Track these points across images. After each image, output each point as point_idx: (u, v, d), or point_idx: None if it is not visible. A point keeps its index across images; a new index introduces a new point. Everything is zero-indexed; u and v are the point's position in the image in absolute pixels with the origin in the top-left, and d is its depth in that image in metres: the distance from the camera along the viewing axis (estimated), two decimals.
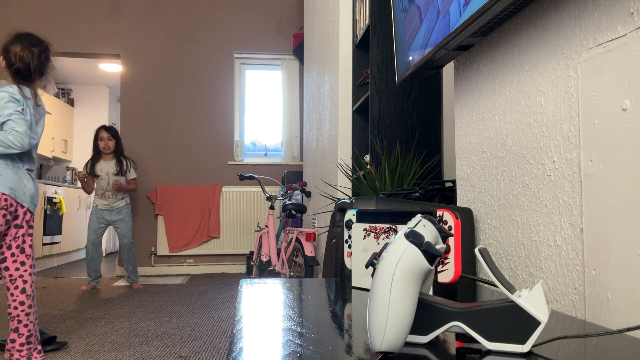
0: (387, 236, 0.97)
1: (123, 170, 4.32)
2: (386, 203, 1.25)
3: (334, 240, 1.40)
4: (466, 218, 1.25)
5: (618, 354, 0.60)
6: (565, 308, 0.91)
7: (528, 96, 1.05)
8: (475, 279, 0.92)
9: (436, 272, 0.88)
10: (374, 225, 1.00)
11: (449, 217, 0.89)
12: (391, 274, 0.56)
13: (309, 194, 4.07)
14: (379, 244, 0.98)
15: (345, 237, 1.08)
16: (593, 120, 0.84)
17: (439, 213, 0.90)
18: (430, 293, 0.83)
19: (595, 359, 0.58)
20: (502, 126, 1.15)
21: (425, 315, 0.63)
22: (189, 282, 4.70)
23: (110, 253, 7.91)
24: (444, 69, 2.40)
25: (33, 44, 2.32)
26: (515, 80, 1.09)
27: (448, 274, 0.88)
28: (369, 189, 2.07)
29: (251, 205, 5.46)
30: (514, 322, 0.59)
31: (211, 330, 2.89)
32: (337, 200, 1.79)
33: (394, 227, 0.97)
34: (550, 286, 0.96)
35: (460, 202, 1.38)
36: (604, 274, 0.81)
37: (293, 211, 3.79)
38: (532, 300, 0.59)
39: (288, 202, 3.86)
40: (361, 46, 2.79)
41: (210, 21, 5.53)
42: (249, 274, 5.08)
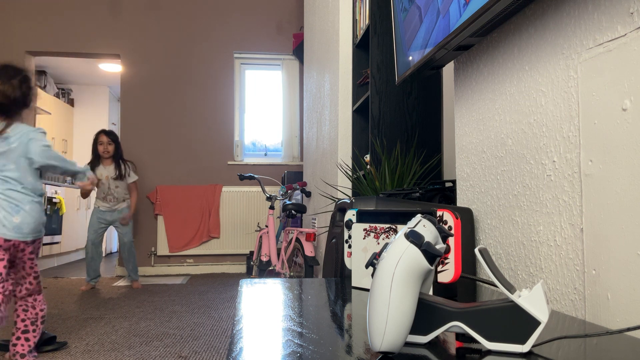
0: (387, 236, 0.97)
1: (122, 175, 4.32)
2: (386, 203, 1.25)
3: (334, 240, 1.40)
4: (466, 218, 1.25)
5: (618, 354, 0.60)
6: (565, 308, 0.91)
7: (528, 96, 1.05)
8: (475, 279, 0.92)
9: (436, 272, 0.88)
10: (374, 225, 1.00)
11: (449, 217, 0.89)
12: (391, 274, 0.56)
13: (309, 194, 4.07)
14: (379, 244, 0.98)
15: (345, 237, 1.08)
16: (593, 120, 0.84)
17: (439, 213, 0.90)
18: (430, 293, 0.83)
19: (595, 359, 0.58)
20: (502, 126, 1.15)
21: (425, 315, 0.63)
22: (189, 282, 4.69)
23: (110, 253, 7.91)
24: (444, 69, 2.40)
25: (10, 75, 2.18)
26: (515, 80, 1.09)
27: (448, 274, 0.88)
28: (369, 189, 2.07)
29: (251, 205, 5.46)
30: (514, 322, 0.59)
31: (211, 330, 2.89)
32: (337, 200, 1.79)
33: (394, 227, 0.97)
34: (550, 286, 0.96)
35: (460, 202, 1.38)
36: (604, 274, 0.81)
37: (293, 211, 3.79)
38: (532, 300, 0.59)
39: (288, 202, 3.86)
40: (361, 46, 2.79)
41: (210, 21, 5.53)
42: (249, 274, 5.08)
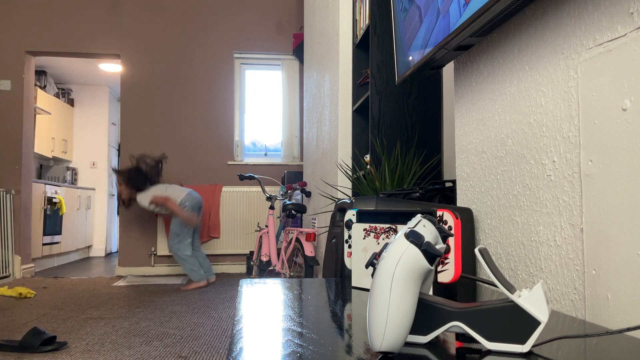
0: (387, 236, 0.97)
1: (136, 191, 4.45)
2: (386, 203, 1.25)
3: (334, 240, 1.40)
4: (466, 218, 1.25)
5: (618, 354, 0.60)
6: (565, 308, 0.91)
7: (528, 96, 1.05)
8: (475, 279, 0.92)
9: (436, 272, 0.88)
10: (374, 225, 1.00)
11: (449, 217, 0.89)
12: (391, 274, 0.56)
13: (309, 194, 4.07)
14: (379, 244, 0.98)
15: (345, 237, 1.08)
16: (593, 120, 0.84)
17: (439, 213, 0.90)
18: (430, 293, 0.83)
19: (595, 359, 0.58)
20: (502, 126, 1.15)
21: (425, 315, 0.63)
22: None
23: (110, 253, 7.91)
24: (444, 69, 2.40)
25: None
26: (515, 80, 1.09)
27: (448, 274, 0.88)
28: (369, 189, 2.07)
29: (251, 205, 5.46)
30: (514, 322, 0.59)
31: (211, 330, 2.89)
32: (337, 200, 1.79)
33: (394, 227, 0.97)
34: (550, 286, 0.96)
35: (460, 202, 1.38)
36: (604, 274, 0.81)
37: (293, 211, 3.79)
38: (532, 300, 0.58)
39: (288, 202, 3.86)
40: (361, 46, 2.79)
41: (210, 21, 5.53)
42: (249, 274, 5.08)
